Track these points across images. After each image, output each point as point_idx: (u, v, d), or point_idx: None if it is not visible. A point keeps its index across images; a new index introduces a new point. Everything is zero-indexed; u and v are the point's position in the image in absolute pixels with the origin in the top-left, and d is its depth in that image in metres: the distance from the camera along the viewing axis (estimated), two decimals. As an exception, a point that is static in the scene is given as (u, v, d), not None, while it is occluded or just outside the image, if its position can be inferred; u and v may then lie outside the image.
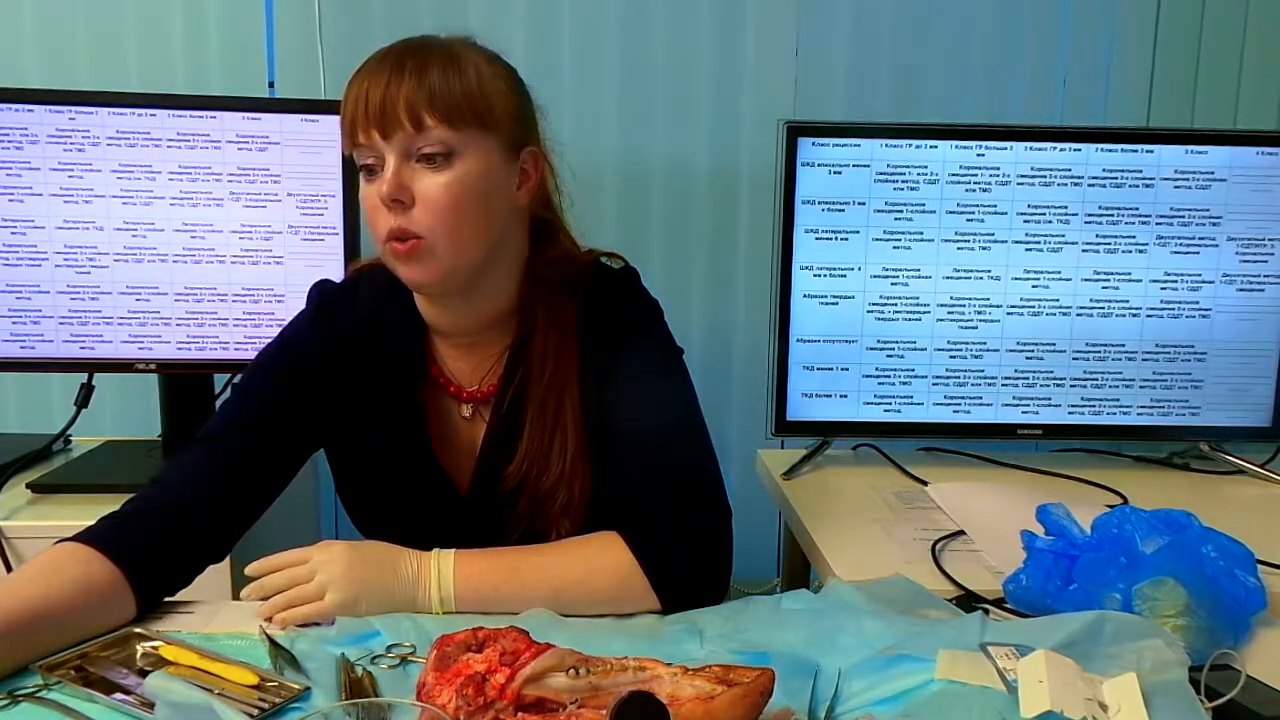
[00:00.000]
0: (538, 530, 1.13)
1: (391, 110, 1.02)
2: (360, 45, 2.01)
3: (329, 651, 0.94)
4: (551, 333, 1.14)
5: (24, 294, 1.53)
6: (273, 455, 1.13)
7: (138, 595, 1.00)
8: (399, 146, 1.04)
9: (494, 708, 0.81)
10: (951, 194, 1.60)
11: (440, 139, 1.03)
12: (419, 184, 1.04)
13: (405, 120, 1.02)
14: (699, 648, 0.98)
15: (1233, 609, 1.02)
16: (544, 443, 1.12)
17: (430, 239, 1.05)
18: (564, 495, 1.12)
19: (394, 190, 1.03)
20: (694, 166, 2.07)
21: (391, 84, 1.03)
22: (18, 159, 1.49)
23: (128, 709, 0.86)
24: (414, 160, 1.04)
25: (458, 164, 1.04)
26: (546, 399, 1.13)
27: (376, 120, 1.03)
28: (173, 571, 1.05)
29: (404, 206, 1.04)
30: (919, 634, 0.98)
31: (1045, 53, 2.10)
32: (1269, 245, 1.64)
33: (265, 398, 1.14)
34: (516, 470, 1.13)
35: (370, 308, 1.18)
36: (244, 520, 1.11)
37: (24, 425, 1.96)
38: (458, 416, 1.18)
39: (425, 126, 1.03)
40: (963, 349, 1.65)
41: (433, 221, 1.04)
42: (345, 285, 1.22)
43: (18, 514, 1.41)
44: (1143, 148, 1.61)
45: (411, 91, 1.02)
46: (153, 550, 1.02)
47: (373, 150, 1.05)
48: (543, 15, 2.00)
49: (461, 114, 1.04)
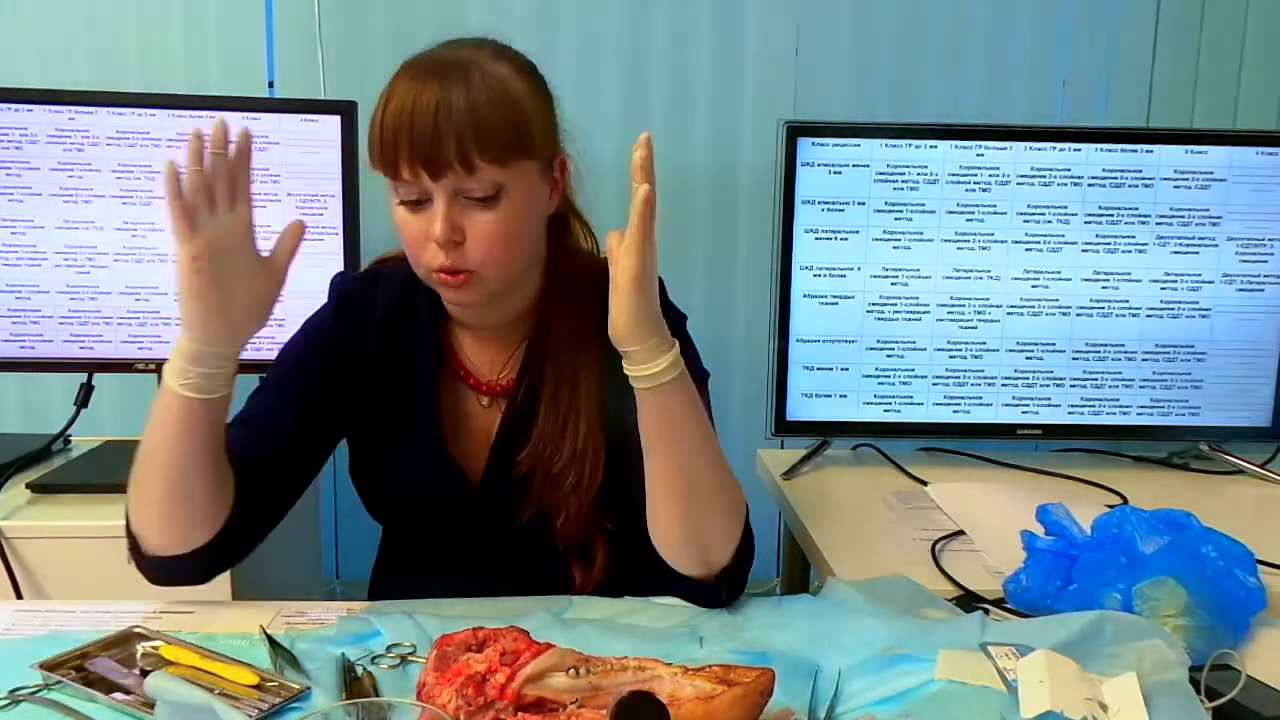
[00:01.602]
0: (547, 510, 1.13)
1: (440, 151, 0.99)
2: (360, 45, 2.02)
3: (329, 651, 0.94)
4: (566, 319, 1.15)
5: (24, 294, 1.52)
6: (303, 439, 1.13)
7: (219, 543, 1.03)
8: (448, 186, 1.02)
9: (494, 708, 0.81)
10: (951, 194, 1.60)
11: (492, 180, 1.02)
12: (471, 222, 1.03)
13: (456, 163, 1.00)
14: (699, 648, 0.98)
15: (1233, 609, 1.02)
16: (557, 425, 1.13)
17: (481, 271, 1.05)
18: (574, 475, 1.12)
19: (449, 234, 1.02)
20: (694, 166, 2.07)
21: (440, 119, 0.99)
22: (17, 159, 1.49)
23: (128, 709, 0.86)
24: (462, 196, 1.03)
25: (506, 199, 1.04)
26: (561, 382, 1.14)
27: (424, 160, 1.00)
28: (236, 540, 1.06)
29: (457, 245, 1.04)
30: (919, 634, 0.98)
31: (1045, 53, 2.10)
32: (1269, 245, 1.64)
33: (292, 385, 1.14)
34: (530, 454, 1.14)
35: (391, 299, 1.19)
36: (279, 503, 1.12)
37: (24, 425, 1.96)
38: (475, 406, 1.19)
39: (476, 169, 1.01)
40: (962, 349, 1.65)
41: (484, 256, 1.05)
42: (366, 276, 1.23)
43: (17, 514, 1.41)
44: (1143, 148, 1.61)
45: (460, 130, 0.99)
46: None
47: (419, 187, 1.03)
48: (543, 15, 2.00)
49: (510, 150, 1.02)
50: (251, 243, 0.97)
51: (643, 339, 0.96)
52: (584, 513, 1.12)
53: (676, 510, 1.03)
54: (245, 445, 1.05)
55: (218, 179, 0.93)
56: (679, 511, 1.03)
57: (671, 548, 1.04)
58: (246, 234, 0.96)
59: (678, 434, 1.00)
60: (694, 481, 1.02)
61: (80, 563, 1.38)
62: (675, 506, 1.02)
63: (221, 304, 0.94)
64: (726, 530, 1.04)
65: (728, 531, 1.04)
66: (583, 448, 1.12)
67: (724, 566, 1.04)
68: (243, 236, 0.96)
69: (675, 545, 1.04)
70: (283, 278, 1.00)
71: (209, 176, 0.93)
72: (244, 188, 0.95)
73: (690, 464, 1.01)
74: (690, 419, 1.01)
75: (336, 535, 2.06)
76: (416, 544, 1.27)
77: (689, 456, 1.01)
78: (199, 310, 0.94)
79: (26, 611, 1.06)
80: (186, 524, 1.01)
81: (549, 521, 1.13)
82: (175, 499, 1.00)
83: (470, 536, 1.19)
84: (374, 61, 1.97)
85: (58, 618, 1.03)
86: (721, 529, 1.04)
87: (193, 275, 0.93)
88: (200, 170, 0.92)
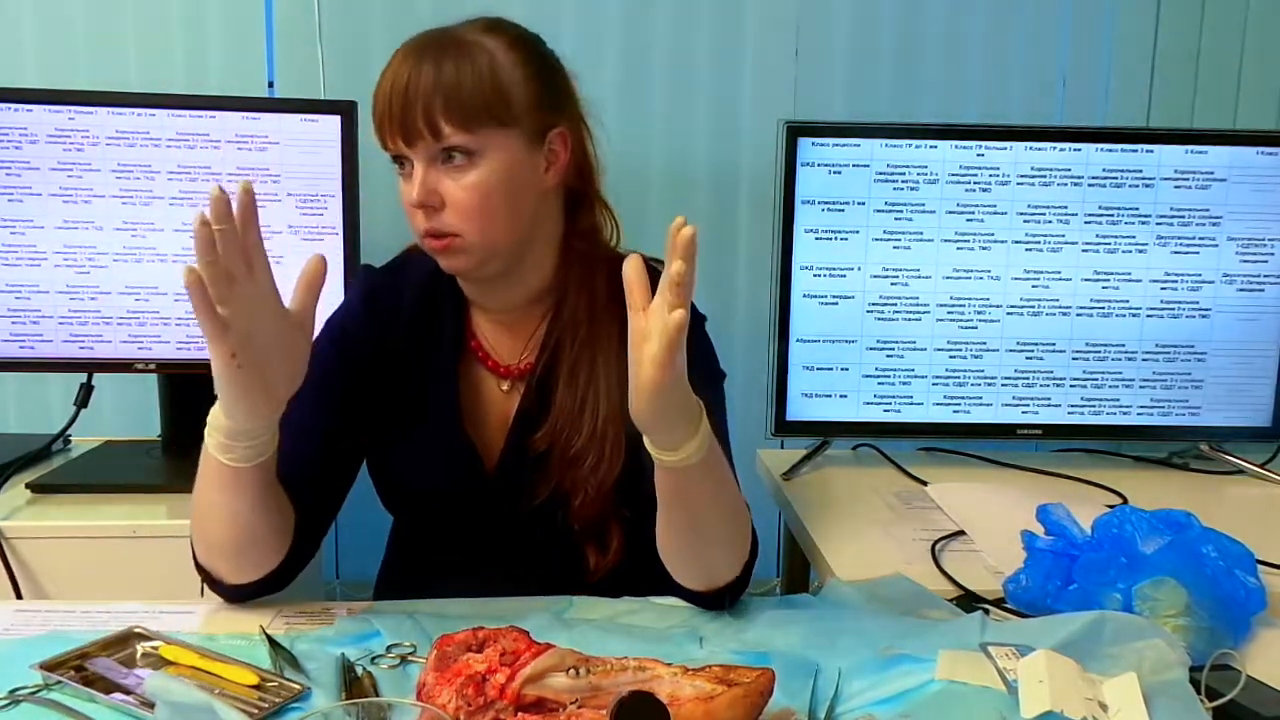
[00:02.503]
0: (564, 490, 1.13)
1: (410, 117, 1.04)
2: (360, 45, 2.02)
3: (329, 651, 0.94)
4: (582, 298, 1.16)
5: (24, 294, 1.52)
6: (345, 439, 1.14)
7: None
8: (423, 152, 1.06)
9: (494, 708, 0.81)
10: (951, 194, 1.60)
11: (459, 144, 1.05)
12: (446, 186, 1.07)
13: (423, 128, 1.05)
14: (699, 648, 0.98)
15: (1233, 609, 1.02)
16: (575, 405, 1.13)
17: (464, 236, 1.08)
18: (594, 457, 1.12)
19: (423, 197, 1.07)
20: (694, 166, 2.07)
21: (411, 86, 1.04)
22: (17, 159, 1.49)
23: (128, 709, 0.86)
24: (439, 162, 1.07)
25: (481, 164, 1.07)
26: (579, 362, 1.14)
27: (399, 127, 1.06)
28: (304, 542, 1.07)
29: (435, 209, 1.07)
30: (919, 634, 0.98)
31: (1045, 53, 2.10)
32: (1269, 245, 1.64)
33: (328, 388, 1.13)
34: (548, 433, 1.14)
35: (415, 286, 1.20)
36: (332, 502, 1.14)
37: (24, 425, 1.95)
38: (495, 391, 1.20)
39: (443, 134, 1.05)
40: (962, 349, 1.65)
41: (462, 221, 1.07)
42: (394, 264, 1.24)
43: (17, 514, 1.41)
44: (1143, 148, 1.61)
45: (427, 96, 1.04)
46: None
47: (400, 153, 1.08)
48: (542, 15, 1.99)
49: (477, 116, 1.05)
50: (278, 306, 0.93)
51: (666, 429, 0.93)
52: (602, 495, 1.12)
53: (683, 546, 1.03)
54: (291, 457, 1.05)
55: (231, 256, 0.87)
56: (686, 548, 1.03)
57: (676, 571, 1.05)
58: (271, 300, 0.92)
59: (694, 498, 0.99)
60: (703, 528, 1.01)
61: (80, 563, 1.38)
62: (683, 544, 1.03)
63: (263, 388, 0.92)
64: (733, 558, 1.04)
65: (735, 559, 1.05)
66: (602, 429, 1.12)
67: (728, 582, 1.05)
68: (269, 304, 0.91)
69: (680, 571, 1.05)
70: (311, 327, 0.96)
71: (224, 259, 0.87)
72: (258, 251, 0.90)
73: (702, 515, 1.01)
74: (708, 485, 0.98)
75: (337, 535, 2.06)
76: (430, 534, 1.27)
77: (703, 510, 1.00)
78: (244, 402, 0.92)
79: (26, 611, 1.06)
80: (256, 561, 1.04)
81: (565, 503, 1.13)
82: (242, 543, 1.02)
83: (485, 522, 1.19)
84: (374, 61, 1.93)
85: (58, 618, 1.03)
86: (728, 557, 1.04)
87: (233, 372, 0.90)
88: (215, 260, 0.86)
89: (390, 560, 1.34)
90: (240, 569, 1.04)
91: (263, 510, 1.00)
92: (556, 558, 1.15)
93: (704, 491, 0.98)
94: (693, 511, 0.99)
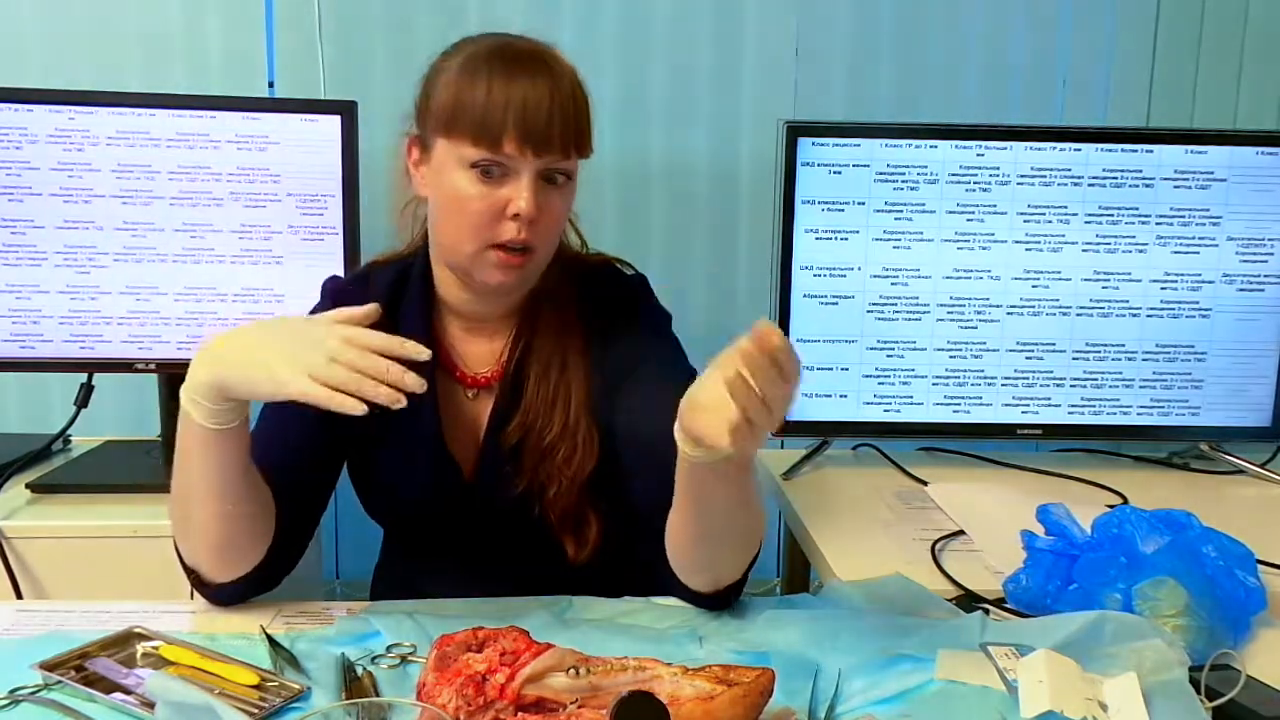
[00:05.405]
0: (540, 481, 1.14)
1: (549, 131, 1.04)
2: (360, 45, 2.02)
3: (329, 651, 0.94)
4: (554, 309, 1.17)
5: (24, 294, 1.52)
6: (322, 444, 1.14)
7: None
8: (538, 165, 1.05)
9: (494, 708, 0.81)
10: (951, 194, 1.60)
11: (570, 167, 1.08)
12: (546, 201, 1.07)
13: (559, 145, 1.05)
14: (699, 648, 0.98)
15: (1233, 609, 1.02)
16: (548, 400, 1.14)
17: (540, 250, 1.09)
18: (566, 449, 1.13)
19: (535, 210, 1.05)
20: (694, 166, 2.07)
21: (554, 102, 1.04)
22: (17, 159, 1.49)
23: (128, 709, 0.86)
24: (541, 178, 1.06)
25: (568, 188, 1.10)
26: (550, 365, 1.15)
27: (535, 137, 1.03)
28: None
29: (534, 223, 1.06)
30: (919, 634, 0.98)
31: (1045, 53, 2.10)
32: (1269, 245, 1.64)
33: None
34: (519, 425, 1.14)
35: (380, 299, 1.18)
36: (314, 506, 1.14)
37: (24, 425, 1.95)
38: (463, 400, 1.20)
39: (570, 154, 1.07)
40: (963, 349, 1.65)
41: (547, 236, 1.09)
42: (358, 277, 1.25)
43: (17, 514, 1.41)
44: (1143, 148, 1.61)
45: (567, 116, 1.05)
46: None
47: (508, 160, 1.05)
48: (541, 16, 2.00)
49: (588, 142, 1.09)
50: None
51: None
52: (577, 486, 1.13)
53: (697, 550, 1.03)
54: (271, 459, 1.06)
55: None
56: (700, 552, 1.03)
57: (683, 571, 1.05)
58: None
59: (716, 498, 0.97)
60: (720, 528, 1.01)
61: (80, 563, 1.38)
62: (697, 542, 1.03)
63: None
64: (743, 560, 1.05)
65: (744, 561, 1.05)
66: (574, 424, 1.13)
67: (731, 583, 1.05)
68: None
69: (687, 572, 1.05)
70: None
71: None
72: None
73: (720, 516, 1.00)
74: (733, 487, 0.97)
75: (336, 535, 2.06)
76: (416, 542, 1.28)
77: (721, 510, 0.99)
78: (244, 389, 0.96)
79: (26, 611, 1.06)
80: (239, 553, 1.04)
81: (540, 495, 1.14)
82: (224, 529, 1.02)
83: (466, 526, 1.20)
84: (374, 61, 1.96)
85: (58, 618, 1.03)
86: (738, 560, 1.04)
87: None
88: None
89: (383, 560, 1.36)
90: (224, 562, 1.03)
91: (243, 487, 1.00)
92: (536, 549, 1.16)
93: (726, 493, 0.97)
94: (711, 511, 0.99)
